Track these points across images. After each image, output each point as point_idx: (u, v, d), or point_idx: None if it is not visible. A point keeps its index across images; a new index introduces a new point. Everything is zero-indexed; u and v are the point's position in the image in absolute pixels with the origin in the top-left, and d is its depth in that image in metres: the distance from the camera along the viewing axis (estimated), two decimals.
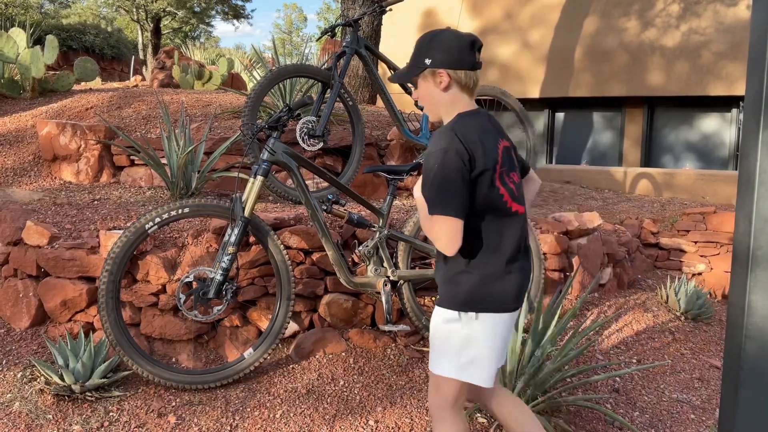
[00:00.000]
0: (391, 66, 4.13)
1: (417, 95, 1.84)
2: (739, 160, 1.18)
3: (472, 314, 1.78)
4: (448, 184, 1.68)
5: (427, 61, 1.76)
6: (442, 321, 1.83)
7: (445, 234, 1.69)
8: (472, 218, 1.76)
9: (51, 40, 5.70)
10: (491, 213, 1.77)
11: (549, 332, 2.71)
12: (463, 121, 1.76)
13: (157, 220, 2.63)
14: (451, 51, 1.74)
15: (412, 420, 2.58)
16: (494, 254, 1.79)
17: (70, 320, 3.02)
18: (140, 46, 19.73)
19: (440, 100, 1.80)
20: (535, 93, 8.21)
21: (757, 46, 1.13)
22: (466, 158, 1.69)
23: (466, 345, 1.81)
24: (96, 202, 3.61)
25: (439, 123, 1.86)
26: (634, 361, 3.28)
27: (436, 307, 1.86)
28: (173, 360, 2.95)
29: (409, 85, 4.23)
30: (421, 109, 4.25)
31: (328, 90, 3.70)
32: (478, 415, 2.61)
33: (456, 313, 1.80)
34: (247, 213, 2.64)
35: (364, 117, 4.29)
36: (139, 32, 20.28)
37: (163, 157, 3.82)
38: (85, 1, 22.40)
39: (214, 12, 22.80)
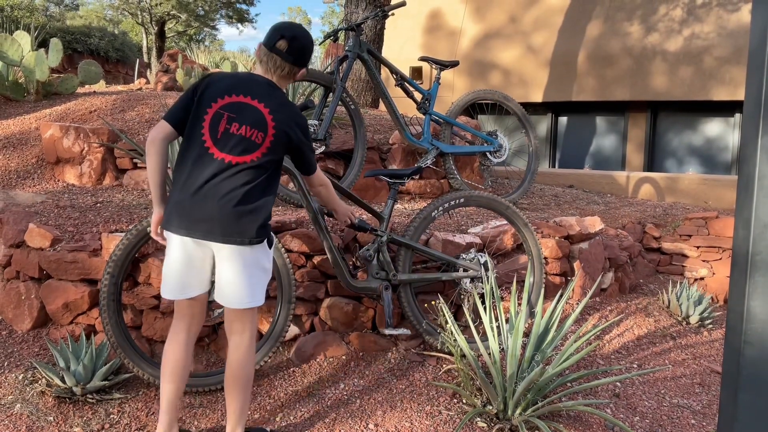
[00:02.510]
0: (393, 70, 4.13)
1: None
2: (739, 166, 1.18)
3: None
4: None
5: None
6: None
7: None
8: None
9: (55, 43, 5.73)
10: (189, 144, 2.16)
11: (549, 336, 2.71)
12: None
13: None
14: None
15: (411, 424, 2.58)
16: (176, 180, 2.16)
17: (71, 322, 3.03)
18: (145, 49, 19.82)
19: None
20: (538, 97, 8.21)
21: (756, 52, 1.13)
22: (192, 87, 2.21)
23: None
24: (98, 204, 3.62)
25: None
26: (635, 365, 3.27)
27: None
28: None
29: (411, 89, 4.24)
30: (424, 114, 4.28)
31: (330, 94, 3.71)
32: (478, 419, 2.60)
33: None
34: None
35: (366, 121, 4.30)
36: (144, 35, 20.37)
37: None
38: (90, 4, 22.52)
39: (218, 16, 22.89)
